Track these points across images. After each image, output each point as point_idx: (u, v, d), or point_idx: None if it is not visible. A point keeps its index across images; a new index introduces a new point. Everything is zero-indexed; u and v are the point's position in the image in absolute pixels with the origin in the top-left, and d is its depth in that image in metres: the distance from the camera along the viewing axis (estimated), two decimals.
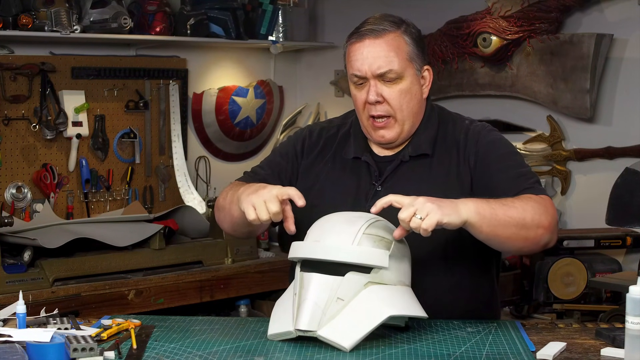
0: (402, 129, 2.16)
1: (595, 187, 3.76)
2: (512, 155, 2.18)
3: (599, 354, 1.81)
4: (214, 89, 4.23)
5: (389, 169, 2.18)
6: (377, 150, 2.22)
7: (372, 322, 1.82)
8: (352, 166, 2.21)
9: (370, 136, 2.20)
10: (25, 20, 3.43)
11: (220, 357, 1.78)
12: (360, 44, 2.13)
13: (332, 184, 2.20)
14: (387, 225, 1.94)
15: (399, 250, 1.91)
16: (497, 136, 2.22)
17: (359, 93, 2.16)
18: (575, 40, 3.67)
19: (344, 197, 2.16)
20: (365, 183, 2.18)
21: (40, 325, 1.93)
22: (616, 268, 3.43)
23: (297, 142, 2.29)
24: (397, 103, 2.13)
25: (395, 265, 1.89)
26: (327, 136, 2.28)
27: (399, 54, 2.12)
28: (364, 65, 2.12)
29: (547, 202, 2.03)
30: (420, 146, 2.18)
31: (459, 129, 2.21)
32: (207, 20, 3.98)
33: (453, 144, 2.19)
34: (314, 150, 2.26)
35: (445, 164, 2.16)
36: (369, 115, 2.15)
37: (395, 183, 2.16)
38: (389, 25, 2.15)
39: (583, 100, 3.67)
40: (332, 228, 1.91)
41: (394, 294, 1.87)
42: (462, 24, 4.00)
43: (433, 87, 4.45)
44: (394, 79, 2.12)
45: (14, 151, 3.60)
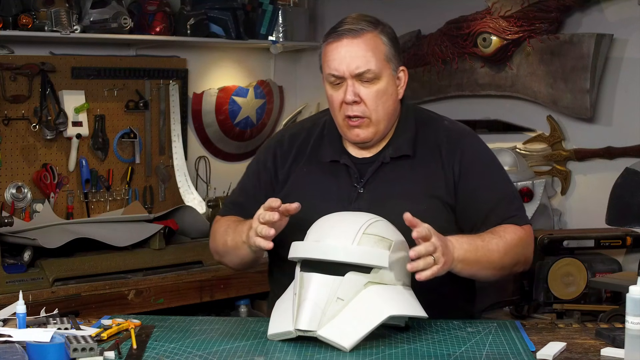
0: (377, 129, 2.15)
1: (595, 187, 3.76)
2: (496, 171, 2.22)
3: (599, 354, 1.81)
4: (214, 89, 4.23)
5: (370, 170, 2.18)
6: (354, 152, 2.21)
7: (372, 322, 1.81)
8: (330, 169, 2.20)
9: (345, 136, 2.19)
10: (25, 20, 3.43)
11: (220, 357, 1.78)
12: (338, 44, 2.13)
13: (311, 188, 2.19)
14: (388, 225, 1.94)
15: (399, 250, 1.91)
16: (481, 146, 2.24)
17: (336, 93, 2.15)
18: (575, 40, 3.67)
19: (325, 201, 2.14)
20: (346, 185, 2.17)
21: (40, 325, 1.93)
22: (616, 268, 3.42)
23: (267, 158, 2.28)
24: (374, 103, 2.12)
25: (396, 265, 1.88)
26: (298, 143, 2.26)
27: (376, 54, 2.12)
28: (341, 65, 2.11)
29: (529, 236, 2.17)
30: (401, 147, 2.18)
31: (440, 131, 2.22)
32: (207, 20, 3.98)
33: (435, 146, 2.19)
34: (287, 159, 2.24)
35: (427, 166, 2.17)
36: (344, 115, 2.14)
37: (378, 184, 2.16)
38: (367, 25, 2.16)
39: (583, 100, 3.67)
40: (332, 228, 1.91)
41: (394, 294, 1.87)
42: (462, 24, 4.00)
43: (433, 87, 4.48)
44: (372, 79, 2.12)
45: (14, 151, 3.60)
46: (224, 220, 2.25)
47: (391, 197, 2.12)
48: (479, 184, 2.16)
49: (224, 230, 2.19)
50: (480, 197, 2.15)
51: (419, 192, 2.12)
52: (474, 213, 2.15)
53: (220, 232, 2.22)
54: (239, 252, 2.13)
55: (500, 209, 2.14)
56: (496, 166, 2.24)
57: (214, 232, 2.26)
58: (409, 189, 2.13)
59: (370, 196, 2.14)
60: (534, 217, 3.79)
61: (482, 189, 2.16)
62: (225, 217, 2.27)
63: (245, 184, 2.32)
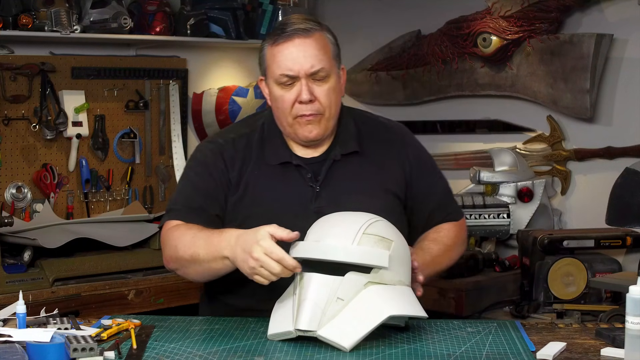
0: (328, 126, 2.18)
1: (595, 187, 3.76)
2: (436, 168, 2.36)
3: (599, 354, 1.81)
4: (214, 89, 4.23)
5: (324, 169, 2.19)
6: (301, 153, 2.21)
7: (372, 322, 1.81)
8: (282, 171, 2.19)
9: (295, 135, 2.18)
10: (25, 20, 3.43)
11: (220, 357, 1.78)
12: (289, 43, 2.13)
13: (267, 192, 2.17)
14: (388, 225, 1.94)
15: (399, 251, 1.91)
16: (420, 143, 2.36)
17: (287, 93, 2.14)
18: (575, 40, 3.67)
19: (284, 203, 2.14)
20: (302, 186, 2.18)
21: (40, 325, 1.93)
22: (616, 268, 3.42)
23: (216, 160, 2.20)
24: (327, 101, 2.15)
25: (395, 265, 1.89)
26: (241, 147, 2.22)
27: (326, 52, 2.15)
28: (296, 64, 2.12)
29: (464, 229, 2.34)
30: (349, 144, 2.22)
31: (381, 128, 2.30)
32: (207, 20, 3.98)
33: (381, 143, 2.26)
34: (235, 162, 2.20)
35: (377, 161, 2.23)
36: (296, 114, 2.14)
37: (333, 182, 2.18)
38: (314, 24, 2.17)
39: (583, 100, 3.67)
40: (332, 228, 1.91)
41: (394, 294, 1.87)
42: (462, 24, 4.00)
43: (433, 87, 4.47)
44: (324, 77, 2.14)
45: (14, 151, 3.60)
46: (183, 227, 2.12)
47: (349, 194, 2.15)
48: (427, 181, 2.28)
49: (190, 240, 2.07)
50: (429, 193, 2.26)
51: (375, 188, 2.18)
52: (423, 208, 2.27)
53: (185, 241, 2.08)
54: (214, 264, 2.02)
55: (446, 204, 2.31)
56: (434, 162, 2.37)
57: (175, 239, 2.10)
58: (365, 185, 2.18)
59: (328, 194, 2.16)
60: (534, 217, 3.79)
61: (431, 185, 2.29)
62: (185, 225, 2.13)
63: (200, 187, 2.20)
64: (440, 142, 4.29)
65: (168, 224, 2.18)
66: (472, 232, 3.77)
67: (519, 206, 3.78)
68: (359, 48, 4.44)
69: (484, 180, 3.80)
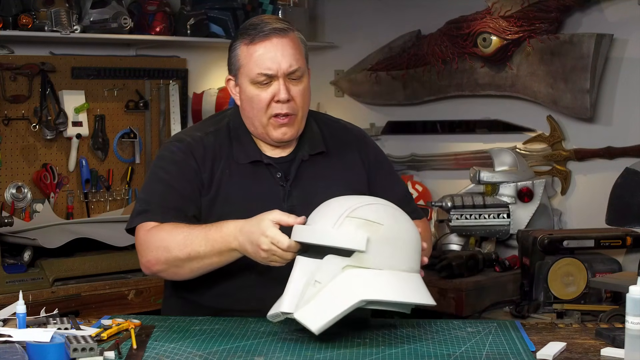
0: (300, 127, 2.21)
1: (595, 187, 3.76)
2: (393, 169, 2.44)
3: (599, 354, 1.81)
4: (214, 89, 4.23)
5: (293, 169, 2.21)
6: (270, 152, 2.23)
7: (342, 305, 1.79)
8: (252, 170, 2.20)
9: (268, 135, 2.18)
10: (25, 20, 3.43)
11: (220, 357, 1.79)
12: (267, 42, 2.14)
13: (237, 190, 2.17)
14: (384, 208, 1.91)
15: (391, 235, 1.86)
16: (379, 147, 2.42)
17: (263, 93, 2.15)
18: (575, 40, 3.67)
19: (257, 202, 2.12)
20: (272, 185, 2.19)
21: (40, 325, 1.93)
22: (616, 268, 3.42)
23: (187, 158, 2.17)
24: (301, 101, 2.18)
25: (383, 249, 1.84)
26: (209, 146, 2.20)
27: (301, 52, 2.18)
28: (275, 64, 2.13)
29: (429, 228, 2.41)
30: (317, 145, 2.26)
31: (342, 129, 2.35)
32: (207, 20, 3.98)
33: (344, 144, 2.30)
34: (206, 161, 2.18)
35: (342, 162, 2.27)
36: (272, 114, 2.15)
37: (303, 182, 2.21)
38: (288, 25, 2.19)
39: (583, 100, 3.67)
40: (321, 211, 1.92)
41: (374, 278, 1.83)
42: (462, 24, 4.00)
43: (433, 87, 4.46)
44: (300, 77, 2.17)
45: (14, 151, 3.60)
46: (167, 226, 2.07)
47: (319, 193, 2.14)
48: (386, 181, 2.33)
49: (184, 238, 2.02)
50: (388, 192, 2.24)
51: (342, 186, 2.19)
52: None
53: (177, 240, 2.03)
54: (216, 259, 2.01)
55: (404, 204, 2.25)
56: (391, 164, 2.46)
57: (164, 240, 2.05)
58: (333, 184, 2.20)
59: (299, 193, 2.19)
60: (534, 217, 3.79)
61: (389, 185, 2.32)
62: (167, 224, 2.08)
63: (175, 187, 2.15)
64: (440, 142, 4.29)
65: (144, 225, 2.11)
66: (472, 232, 3.77)
67: (519, 206, 3.78)
68: (359, 48, 4.45)
69: (484, 180, 3.80)
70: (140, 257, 2.13)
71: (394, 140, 4.43)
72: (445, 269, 3.54)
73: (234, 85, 2.23)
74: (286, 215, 1.92)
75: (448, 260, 3.55)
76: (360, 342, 1.87)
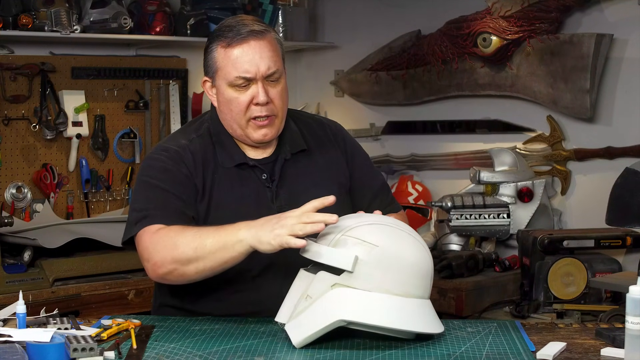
0: (279, 127, 2.22)
1: (595, 187, 3.75)
2: (370, 161, 2.42)
3: (599, 354, 1.81)
4: None
5: (277, 169, 2.22)
6: (252, 154, 2.22)
7: (322, 323, 1.81)
8: (238, 173, 2.19)
9: (248, 137, 2.18)
10: (25, 20, 3.44)
11: (220, 357, 1.79)
12: (245, 45, 2.12)
13: (229, 195, 2.17)
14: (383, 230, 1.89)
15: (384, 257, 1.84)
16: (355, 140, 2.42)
17: (242, 95, 2.14)
18: (575, 40, 3.67)
19: (246, 205, 2.14)
20: (259, 186, 2.19)
21: (40, 325, 1.93)
22: (616, 268, 3.42)
23: (178, 165, 2.14)
24: (280, 102, 2.18)
25: (373, 271, 1.82)
26: (195, 151, 2.18)
27: (278, 54, 2.18)
28: (253, 67, 2.12)
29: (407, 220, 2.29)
30: (297, 143, 2.26)
31: (319, 125, 2.35)
32: (207, 20, 3.98)
33: (322, 139, 2.31)
34: (197, 166, 2.16)
35: (323, 157, 2.28)
36: (250, 117, 2.15)
37: (289, 181, 2.22)
38: (265, 26, 2.18)
39: (583, 100, 3.67)
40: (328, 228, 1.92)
41: (358, 300, 1.81)
42: (462, 24, 4.00)
43: (433, 87, 4.46)
44: (278, 78, 2.17)
45: (14, 151, 3.60)
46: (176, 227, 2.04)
47: (306, 190, 2.17)
48: (365, 172, 2.34)
49: (194, 234, 1.99)
50: (367, 183, 2.33)
51: (327, 182, 2.22)
52: (363, 198, 2.29)
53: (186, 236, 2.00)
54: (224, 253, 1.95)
55: (383, 195, 2.34)
56: (368, 156, 2.43)
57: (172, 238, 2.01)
58: (318, 180, 2.23)
59: (287, 192, 2.20)
60: (534, 217, 3.79)
61: (367, 176, 2.35)
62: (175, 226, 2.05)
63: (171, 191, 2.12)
64: (440, 142, 4.29)
65: (148, 230, 2.06)
66: (472, 232, 3.77)
67: (519, 206, 3.78)
68: (359, 48, 4.44)
69: (484, 180, 3.80)
70: (146, 262, 2.08)
71: (393, 140, 4.43)
72: (445, 269, 3.54)
73: (211, 87, 2.21)
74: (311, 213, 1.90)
75: (448, 260, 3.55)
76: (360, 342, 1.87)
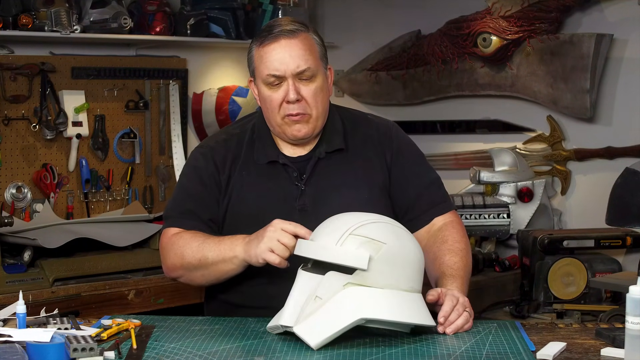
0: (316, 125, 2.21)
1: (595, 187, 3.76)
2: (422, 159, 2.36)
3: (599, 354, 1.81)
4: (214, 89, 4.23)
5: (309, 167, 2.23)
6: (289, 152, 2.25)
7: (341, 323, 1.80)
8: (269, 170, 2.24)
9: (284, 134, 2.22)
10: (25, 20, 3.43)
11: (220, 357, 1.79)
12: (276, 44, 2.16)
13: (253, 191, 2.22)
14: (386, 227, 1.91)
15: (393, 254, 1.87)
16: (406, 136, 2.38)
17: (275, 93, 2.18)
18: (575, 40, 3.67)
19: (269, 202, 2.19)
20: (287, 184, 2.22)
21: (40, 325, 1.93)
22: (616, 268, 3.42)
23: (207, 164, 2.26)
24: (314, 101, 2.18)
25: (384, 268, 1.85)
26: (232, 147, 2.27)
27: (312, 52, 2.18)
28: (282, 65, 2.15)
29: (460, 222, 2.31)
30: (334, 142, 2.26)
31: (367, 124, 2.33)
32: (207, 20, 3.98)
33: (366, 138, 2.29)
34: (225, 164, 2.25)
35: (361, 157, 2.26)
36: (284, 114, 2.18)
37: (318, 180, 2.22)
38: (300, 26, 2.20)
39: (583, 100, 3.67)
40: (327, 227, 1.93)
41: (374, 297, 1.84)
42: (462, 24, 4.00)
43: (433, 87, 4.47)
44: (310, 77, 2.18)
45: (14, 151, 3.60)
46: (187, 234, 2.19)
47: (333, 190, 2.19)
48: (410, 170, 2.29)
49: (198, 245, 2.14)
50: (412, 181, 2.27)
51: (359, 182, 2.21)
52: (406, 196, 2.26)
53: (191, 247, 2.15)
54: (223, 266, 2.11)
55: (431, 193, 2.29)
56: (421, 154, 2.37)
57: (180, 247, 2.18)
58: (349, 180, 2.22)
59: (313, 192, 2.20)
60: (534, 217, 3.79)
61: (413, 174, 2.29)
62: (187, 232, 2.20)
63: (190, 192, 2.27)
64: (440, 142, 4.29)
65: (167, 232, 2.24)
66: (472, 232, 3.77)
67: (519, 206, 3.78)
68: (359, 48, 4.45)
69: (484, 180, 3.80)
70: (162, 262, 2.26)
71: None
72: None
73: (254, 87, 2.27)
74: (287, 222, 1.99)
75: None
76: (360, 342, 1.87)
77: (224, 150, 2.26)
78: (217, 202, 2.24)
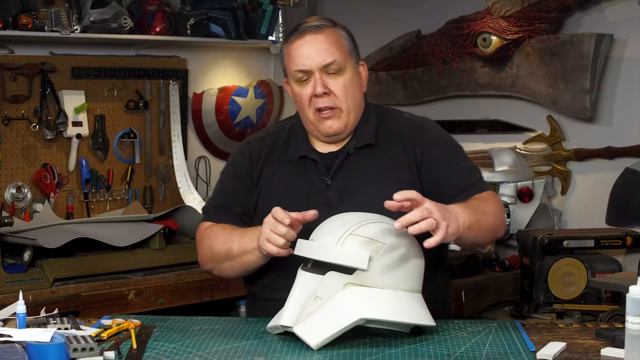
0: (348, 120, 2.22)
1: (595, 187, 3.76)
2: (456, 149, 2.30)
3: (599, 354, 1.81)
4: (214, 89, 4.23)
5: (337, 162, 2.24)
6: (321, 148, 2.27)
7: (342, 323, 1.81)
8: (299, 166, 2.26)
9: (317, 130, 2.23)
10: (25, 20, 3.43)
11: (220, 357, 1.79)
12: (301, 40, 2.19)
13: (281, 185, 2.25)
14: (385, 227, 1.91)
15: (394, 254, 1.88)
16: (440, 130, 2.34)
17: (304, 89, 2.20)
18: (575, 40, 3.67)
19: (294, 196, 2.20)
20: (315, 179, 2.23)
21: (40, 325, 1.93)
22: (616, 268, 3.42)
23: (243, 159, 2.33)
24: (343, 94, 2.19)
25: (384, 268, 1.86)
26: (268, 143, 2.33)
27: (339, 46, 2.20)
28: (308, 59, 2.18)
29: (498, 200, 2.22)
30: (364, 137, 2.25)
31: (400, 121, 2.31)
32: (207, 20, 3.98)
33: (397, 135, 2.27)
34: (260, 159, 2.30)
35: (390, 153, 2.25)
36: (315, 109, 2.20)
37: (345, 175, 2.22)
38: (326, 22, 2.24)
39: (583, 100, 3.67)
40: (327, 227, 1.93)
41: (374, 297, 1.84)
42: (462, 24, 4.00)
43: (433, 87, 4.47)
44: (337, 70, 2.19)
45: (14, 151, 3.60)
46: (217, 227, 2.26)
47: (359, 186, 2.19)
48: (444, 160, 2.24)
49: (225, 237, 2.20)
50: (444, 170, 2.22)
51: (386, 178, 2.20)
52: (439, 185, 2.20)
53: (219, 239, 2.22)
54: (246, 257, 2.15)
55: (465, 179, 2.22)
56: (456, 146, 2.32)
57: (210, 239, 2.25)
58: (376, 176, 2.21)
59: (339, 187, 2.21)
60: (534, 217, 3.79)
61: (445, 165, 2.23)
62: (217, 225, 2.27)
63: (225, 186, 2.36)
64: None
65: (201, 226, 2.32)
66: None
67: (519, 206, 3.78)
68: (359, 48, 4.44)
69: None
70: (198, 255, 2.33)
71: None
72: None
73: (288, 86, 2.30)
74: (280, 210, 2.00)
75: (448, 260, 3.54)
76: (360, 342, 1.87)
77: (260, 146, 2.32)
78: (250, 196, 2.28)
